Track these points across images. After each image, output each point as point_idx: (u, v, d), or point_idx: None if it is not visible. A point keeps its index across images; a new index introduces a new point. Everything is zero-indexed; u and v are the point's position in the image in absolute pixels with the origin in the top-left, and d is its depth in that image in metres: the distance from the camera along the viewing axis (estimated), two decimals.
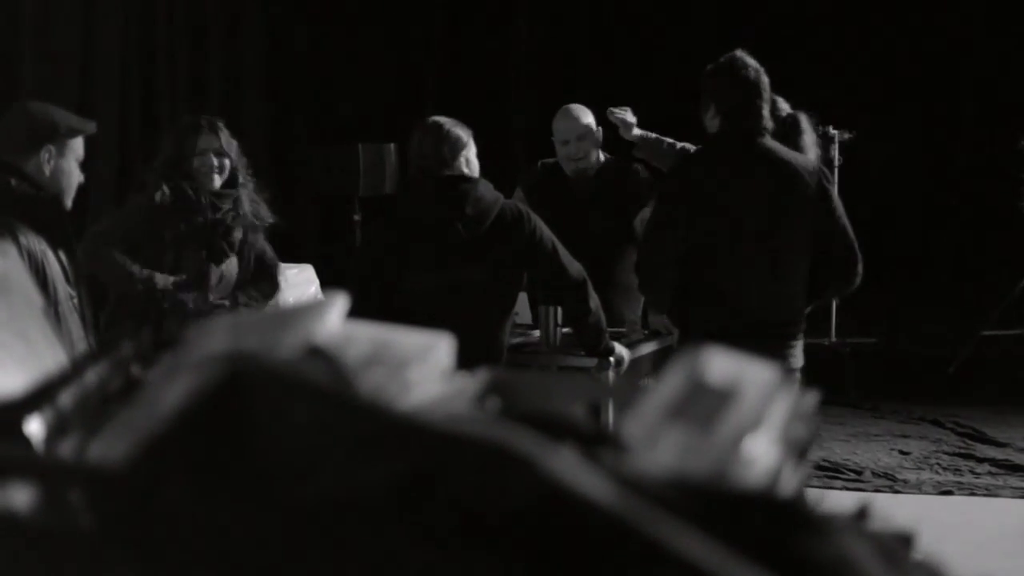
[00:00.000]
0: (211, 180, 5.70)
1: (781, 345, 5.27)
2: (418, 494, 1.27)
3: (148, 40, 10.21)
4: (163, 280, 5.46)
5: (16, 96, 8.10)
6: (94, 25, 9.67)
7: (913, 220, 11.85)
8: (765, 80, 5.32)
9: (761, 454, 1.50)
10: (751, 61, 5.33)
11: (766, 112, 5.30)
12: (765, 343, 5.00)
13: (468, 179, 5.29)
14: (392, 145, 9.73)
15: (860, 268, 5.37)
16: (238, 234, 5.77)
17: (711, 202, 5.29)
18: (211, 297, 5.63)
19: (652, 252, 5.40)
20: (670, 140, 6.55)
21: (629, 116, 6.62)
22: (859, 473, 7.65)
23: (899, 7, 11.92)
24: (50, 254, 4.37)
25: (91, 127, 4.71)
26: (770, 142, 5.32)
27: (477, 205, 5.24)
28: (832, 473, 7.58)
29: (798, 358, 5.37)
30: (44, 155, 4.53)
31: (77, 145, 4.63)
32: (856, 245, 5.39)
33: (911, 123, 11.71)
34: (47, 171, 4.53)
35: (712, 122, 5.37)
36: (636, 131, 6.61)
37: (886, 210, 11.57)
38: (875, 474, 7.64)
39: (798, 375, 5.28)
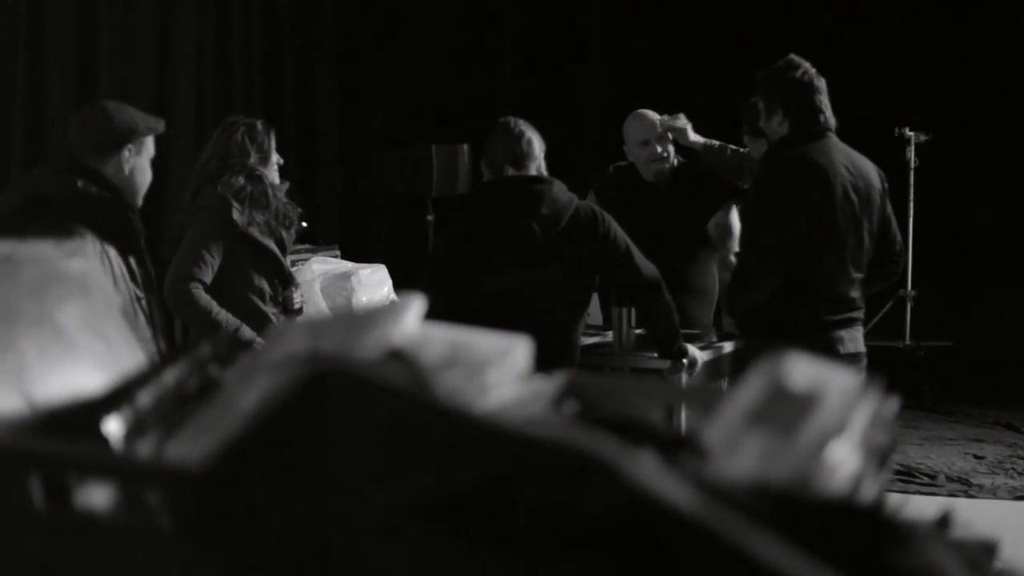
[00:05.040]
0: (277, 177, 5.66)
1: (857, 331, 5.36)
2: (498, 497, 1.26)
3: (223, 42, 10.26)
4: (249, 333, 5.39)
5: (94, 95, 8.18)
6: (170, 27, 9.73)
7: (989, 222, 11.70)
8: (822, 80, 5.33)
9: (843, 460, 1.49)
10: (805, 62, 5.32)
11: (829, 111, 5.29)
12: (850, 331, 5.27)
13: (543, 179, 5.28)
14: (465, 146, 9.73)
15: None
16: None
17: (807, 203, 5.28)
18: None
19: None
20: (734, 147, 6.49)
21: (680, 121, 6.57)
22: (933, 477, 7.59)
23: (977, 7, 11.79)
24: (112, 251, 4.37)
25: (162, 126, 4.74)
26: (838, 141, 5.31)
27: (552, 206, 5.22)
28: (906, 477, 7.52)
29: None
30: (125, 154, 4.55)
31: (150, 144, 4.67)
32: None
33: (987, 124, 11.56)
34: (127, 170, 4.56)
35: (780, 127, 5.30)
36: (696, 137, 6.56)
37: (962, 212, 11.44)
38: (949, 479, 7.57)
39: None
